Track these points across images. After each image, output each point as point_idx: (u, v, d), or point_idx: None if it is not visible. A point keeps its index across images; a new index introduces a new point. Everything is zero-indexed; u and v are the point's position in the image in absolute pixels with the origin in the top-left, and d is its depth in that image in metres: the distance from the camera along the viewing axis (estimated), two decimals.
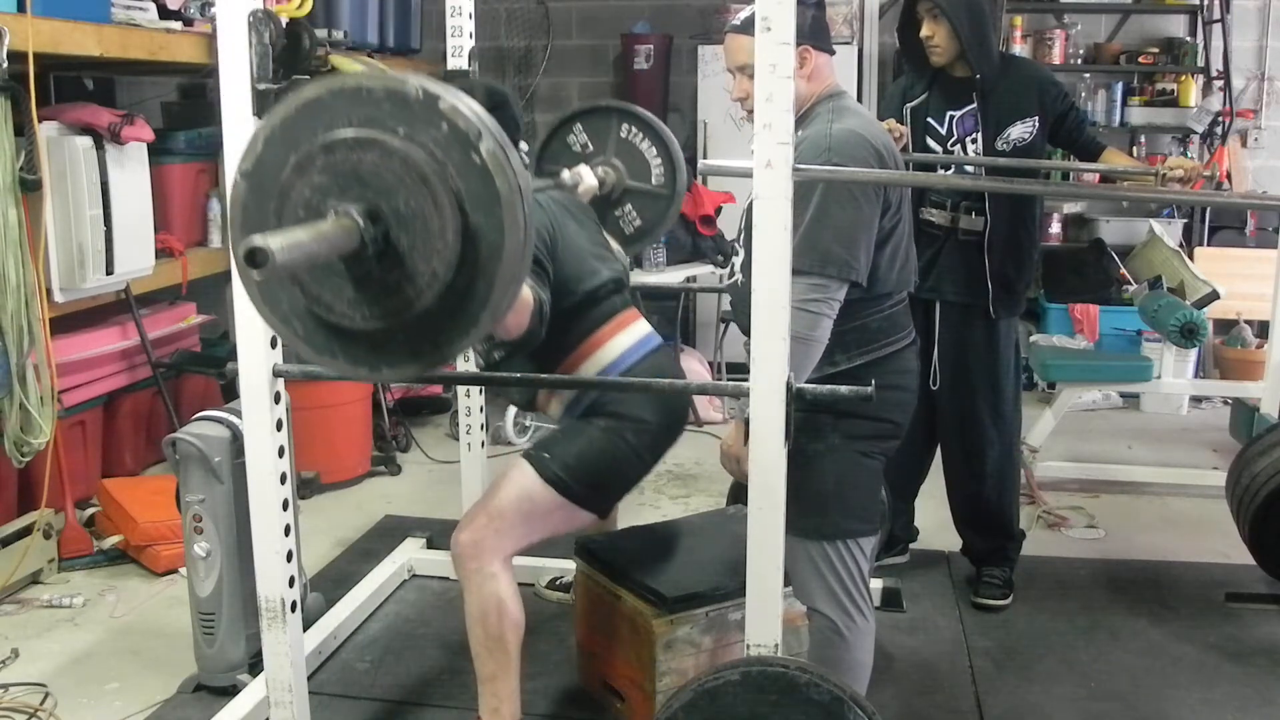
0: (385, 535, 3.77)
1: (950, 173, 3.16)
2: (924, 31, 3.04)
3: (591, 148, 2.95)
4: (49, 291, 3.33)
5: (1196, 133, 5.70)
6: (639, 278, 4.67)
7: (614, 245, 2.75)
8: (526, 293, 2.05)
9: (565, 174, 2.78)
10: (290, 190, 1.49)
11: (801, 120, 2.22)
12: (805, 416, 2.12)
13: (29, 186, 3.13)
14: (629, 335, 2.50)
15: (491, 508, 2.39)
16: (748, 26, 2.17)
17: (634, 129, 2.93)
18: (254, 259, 1.30)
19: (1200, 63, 5.66)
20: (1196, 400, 5.47)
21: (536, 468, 2.37)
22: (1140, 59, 5.76)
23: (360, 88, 1.50)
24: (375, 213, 1.46)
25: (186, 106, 4.78)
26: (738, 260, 2.33)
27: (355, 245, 1.44)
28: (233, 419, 2.67)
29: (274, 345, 2.09)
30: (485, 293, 1.49)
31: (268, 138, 1.54)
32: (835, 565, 2.21)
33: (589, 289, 2.44)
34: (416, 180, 1.44)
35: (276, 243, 1.32)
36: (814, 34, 2.21)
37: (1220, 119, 5.66)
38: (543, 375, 2.41)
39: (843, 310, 2.13)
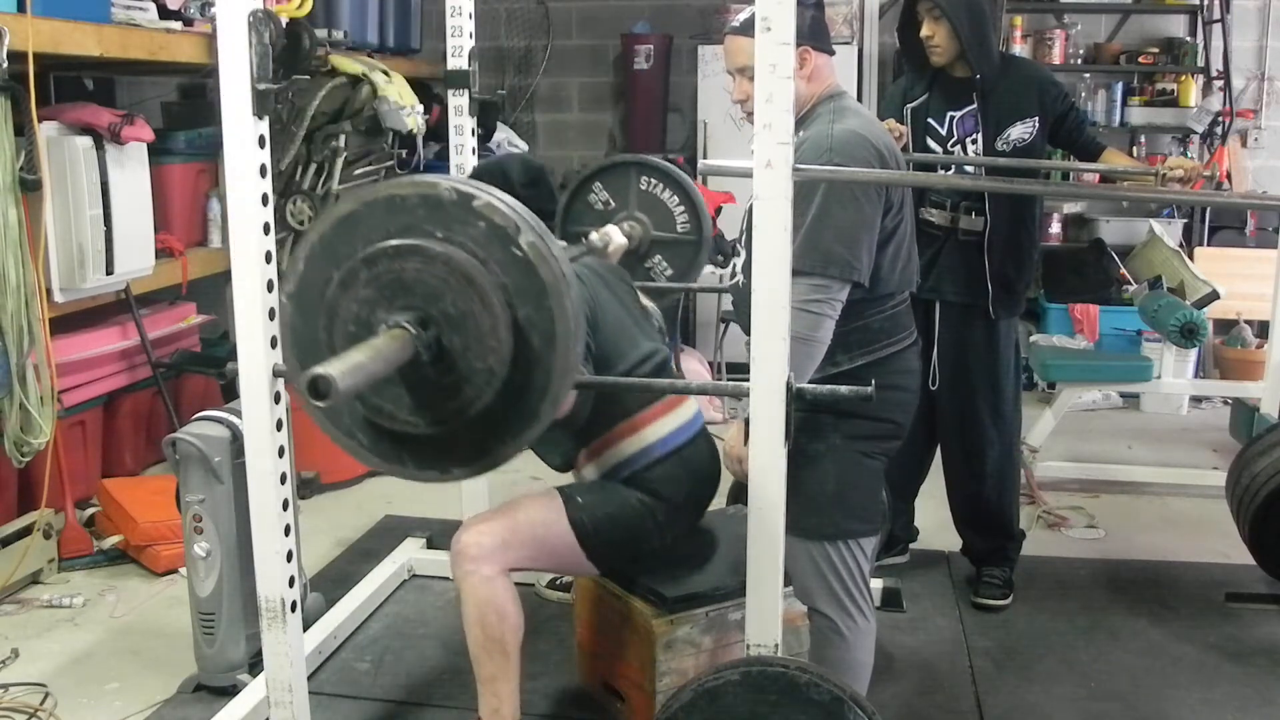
0: (385, 535, 3.77)
1: (950, 173, 3.16)
2: (924, 31, 3.04)
3: (613, 204, 2.96)
4: (49, 291, 3.33)
5: (1196, 133, 5.70)
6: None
7: (649, 305, 2.74)
8: None
9: (594, 236, 2.78)
10: (337, 307, 1.51)
11: (802, 121, 2.22)
12: (807, 416, 2.12)
13: (29, 186, 3.13)
14: (668, 421, 2.46)
15: (507, 521, 2.37)
16: (747, 28, 2.17)
17: (653, 180, 2.95)
18: (317, 389, 1.31)
19: (1200, 63, 5.66)
20: (1196, 400, 5.47)
21: (569, 510, 2.37)
22: (1140, 59, 5.76)
23: (393, 196, 1.51)
24: (425, 319, 1.47)
25: (186, 106, 4.79)
26: (739, 261, 2.33)
27: (410, 355, 1.45)
28: (233, 419, 2.67)
29: (274, 345, 2.08)
30: (544, 384, 1.50)
31: (308, 256, 1.55)
32: (836, 565, 2.21)
33: (633, 365, 2.42)
34: (462, 281, 1.45)
35: (338, 370, 1.33)
36: (814, 35, 2.21)
37: (1220, 119, 5.66)
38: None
39: (845, 310, 2.13)
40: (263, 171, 1.98)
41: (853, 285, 2.12)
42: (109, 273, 3.57)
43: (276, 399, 2.11)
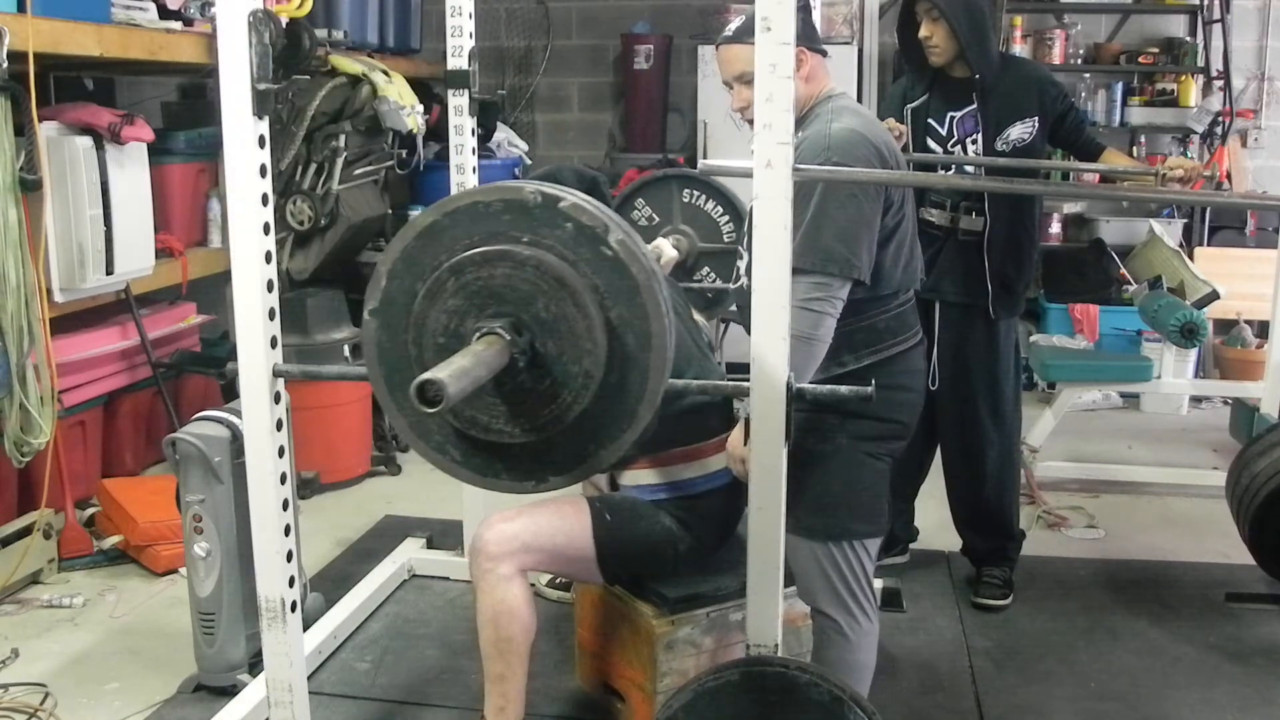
0: (385, 535, 3.77)
1: (950, 173, 3.16)
2: (922, 32, 3.05)
3: (658, 219, 2.97)
4: (49, 291, 3.32)
5: (1196, 133, 5.70)
6: None
7: (699, 318, 2.75)
8: None
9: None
10: (425, 319, 1.48)
11: (801, 122, 2.22)
12: (813, 417, 2.12)
13: (29, 186, 3.13)
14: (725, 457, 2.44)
15: (532, 526, 2.36)
16: (740, 36, 2.18)
17: (695, 192, 2.97)
18: (425, 395, 1.29)
19: (1200, 63, 5.66)
20: (1196, 400, 5.47)
21: (595, 524, 2.38)
22: (1140, 59, 5.76)
23: (476, 203, 1.49)
24: (518, 324, 1.45)
25: (186, 106, 4.78)
26: (742, 264, 2.33)
27: (507, 360, 1.43)
28: (233, 419, 2.68)
29: (274, 345, 2.08)
30: (640, 384, 1.49)
31: (390, 271, 1.53)
32: (840, 566, 2.21)
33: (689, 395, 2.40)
34: (553, 284, 1.43)
35: (446, 374, 1.31)
36: (805, 36, 2.20)
37: (1220, 119, 5.66)
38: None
39: (850, 310, 2.13)
40: (263, 171, 1.98)
41: (854, 283, 2.11)
42: (109, 273, 3.57)
43: (276, 399, 2.11)
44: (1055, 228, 5.95)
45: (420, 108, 4.56)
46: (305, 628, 2.57)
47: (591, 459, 1.55)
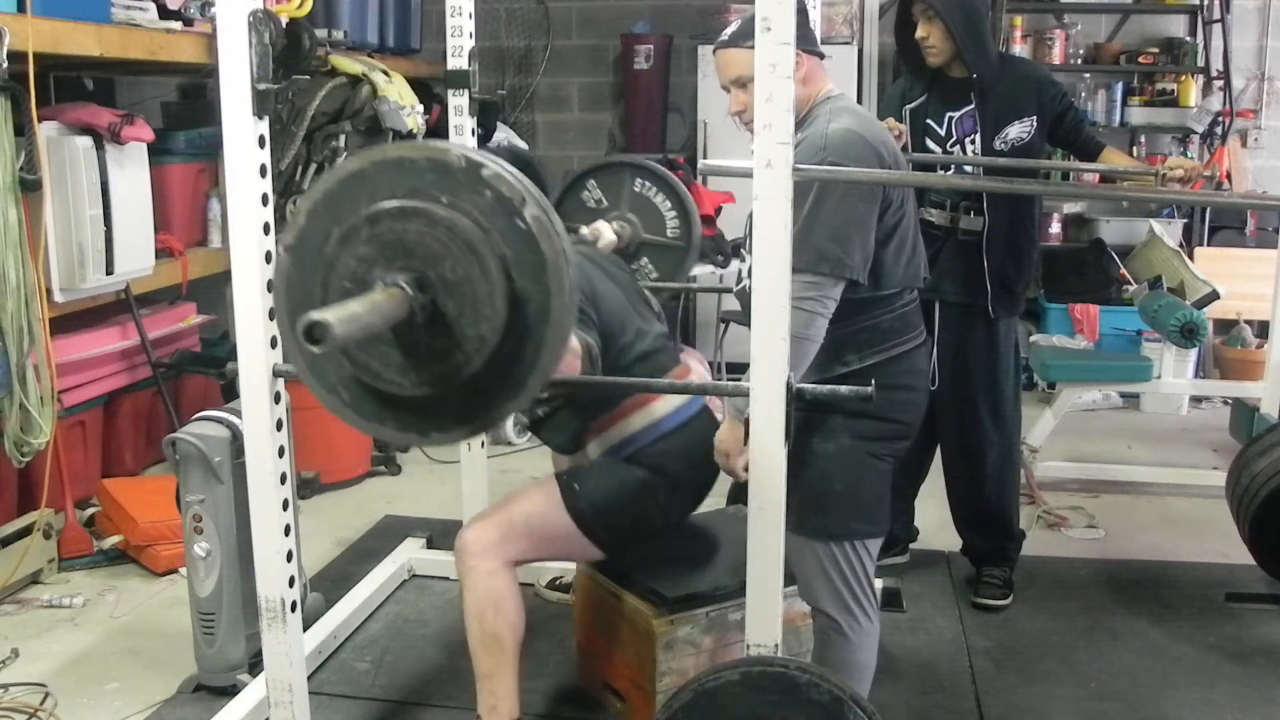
0: (385, 535, 3.77)
1: (950, 173, 3.16)
2: (919, 32, 3.05)
3: (606, 203, 2.97)
4: (49, 291, 3.32)
5: (1196, 133, 5.70)
6: None
7: (650, 298, 2.76)
8: (574, 340, 2.05)
9: (584, 230, 2.81)
10: (336, 262, 1.51)
11: (800, 124, 2.21)
12: (817, 416, 2.12)
13: (29, 186, 3.13)
14: (674, 397, 2.48)
15: (505, 515, 2.39)
16: (737, 40, 2.18)
17: (647, 183, 2.96)
18: (313, 335, 1.31)
19: (1200, 63, 5.66)
20: (1196, 400, 5.47)
21: (566, 498, 2.38)
22: (1140, 59, 5.76)
23: (402, 158, 1.52)
24: (423, 281, 1.47)
25: (186, 106, 4.78)
26: (744, 266, 2.33)
27: (405, 314, 1.45)
28: (233, 419, 2.67)
29: (274, 345, 2.08)
30: (533, 356, 1.51)
31: (310, 211, 1.55)
32: (841, 566, 2.21)
33: (631, 342, 2.43)
34: (463, 247, 1.45)
35: (334, 316, 1.33)
36: (801, 38, 2.20)
37: (1220, 119, 5.66)
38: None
39: (854, 309, 2.13)
40: (263, 171, 1.98)
41: (850, 283, 2.11)
42: (109, 273, 3.57)
43: (276, 399, 2.11)
44: (1055, 228, 5.95)
45: (420, 108, 4.56)
46: (305, 628, 2.57)
47: (476, 421, 1.58)
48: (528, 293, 1.49)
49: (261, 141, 1.99)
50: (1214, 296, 3.97)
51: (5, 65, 2.96)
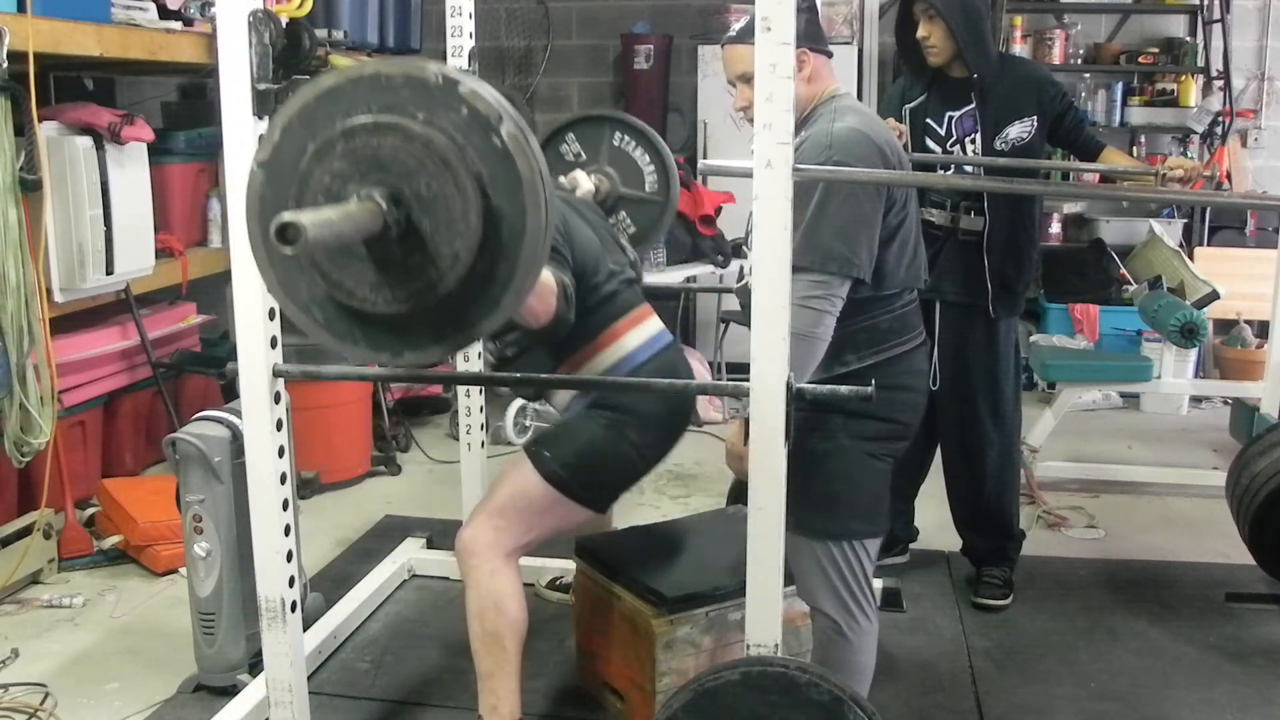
0: (385, 535, 3.77)
1: (950, 173, 3.16)
2: (920, 32, 3.05)
3: (585, 157, 2.96)
4: (49, 291, 3.32)
5: (1196, 133, 5.70)
6: None
7: (624, 241, 2.76)
8: (549, 277, 2.05)
9: (561, 179, 2.80)
10: (310, 177, 1.50)
11: (804, 122, 2.22)
12: (816, 416, 2.12)
13: (29, 186, 3.13)
14: (643, 331, 2.50)
15: (492, 505, 2.40)
16: (744, 36, 2.18)
17: (626, 137, 2.95)
18: (285, 235, 1.30)
19: (1200, 63, 5.66)
20: (1196, 400, 5.47)
21: (536, 465, 2.38)
22: (1140, 59, 5.76)
23: (379, 74, 1.51)
24: (397, 196, 1.47)
25: (186, 106, 4.78)
26: (745, 265, 2.33)
27: (378, 227, 1.45)
28: (233, 419, 2.67)
29: (274, 345, 2.09)
30: (508, 275, 1.50)
31: (285, 127, 1.55)
32: (840, 566, 2.21)
33: (602, 282, 2.43)
34: (438, 164, 1.45)
35: (308, 219, 1.33)
36: (810, 36, 2.20)
37: (1220, 119, 5.66)
38: (543, 375, 2.41)
39: (853, 309, 2.13)
40: None
41: (855, 282, 2.12)
42: (109, 273, 3.57)
43: (276, 399, 2.11)
44: (1055, 228, 5.95)
45: None
46: (305, 628, 2.56)
47: (448, 340, 1.57)
48: (503, 210, 1.48)
49: None
50: (1214, 296, 3.96)
51: (5, 65, 2.96)
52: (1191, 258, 4.98)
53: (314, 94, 1.53)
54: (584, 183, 2.82)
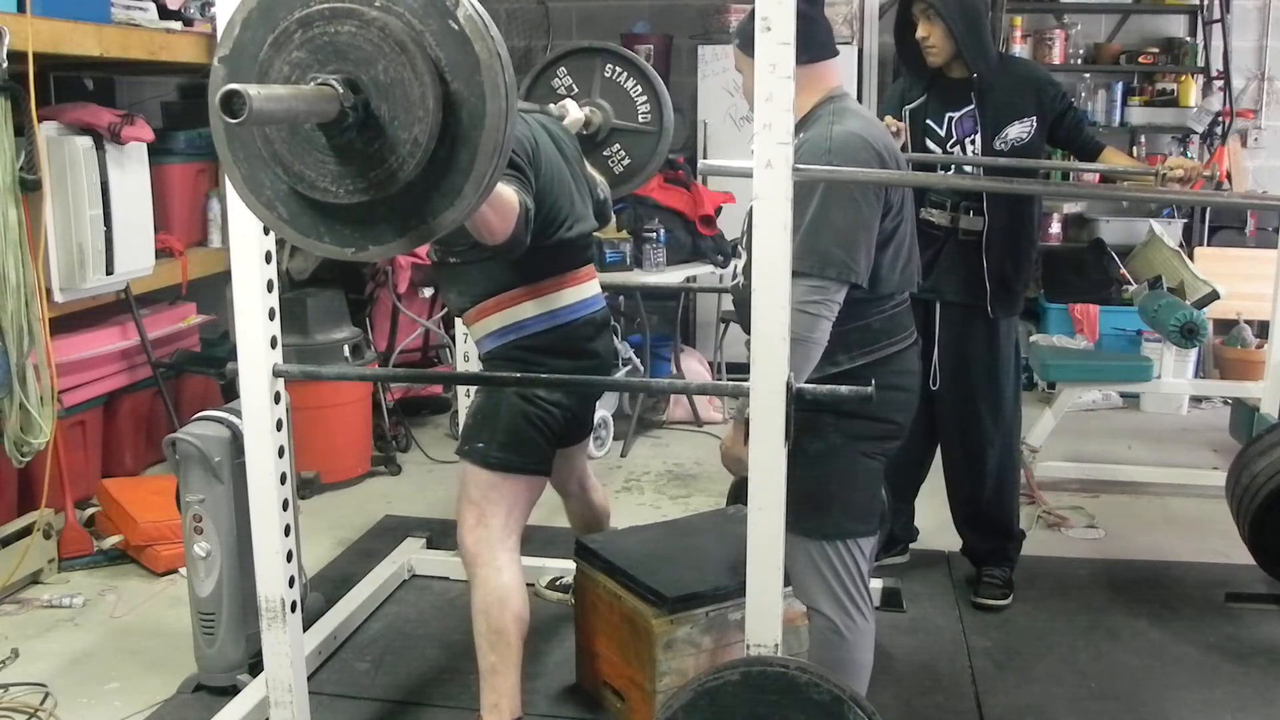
0: (385, 535, 3.77)
1: (950, 173, 3.16)
2: (919, 32, 3.05)
3: (577, 90, 2.95)
4: (49, 291, 3.33)
5: (1196, 133, 5.70)
6: (639, 278, 4.67)
7: (597, 176, 2.75)
8: (512, 195, 2.06)
9: (551, 107, 2.78)
10: (269, 68, 1.51)
11: (803, 123, 2.21)
12: (808, 416, 2.12)
13: (29, 186, 3.13)
14: (578, 292, 2.52)
15: (466, 507, 2.45)
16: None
17: (618, 69, 2.94)
18: (230, 105, 1.30)
19: (1200, 63, 5.66)
20: (1196, 400, 5.47)
21: (475, 461, 2.44)
22: (1140, 59, 5.76)
23: None
24: (355, 83, 1.47)
25: (186, 106, 4.79)
26: (740, 264, 2.33)
27: (335, 112, 1.45)
28: (233, 419, 2.67)
29: (274, 345, 2.09)
30: (468, 162, 1.50)
31: (245, 20, 1.56)
32: (836, 565, 2.21)
33: (557, 227, 2.43)
34: (395, 49, 1.46)
35: (255, 90, 1.32)
36: (806, 47, 2.17)
37: (1220, 119, 5.67)
38: (543, 375, 2.41)
39: (845, 310, 2.13)
40: None
41: (851, 286, 2.12)
42: (109, 273, 3.57)
43: (276, 399, 2.11)
44: (1055, 228, 5.94)
45: None
46: (305, 628, 2.56)
47: (413, 232, 1.57)
48: (461, 96, 1.48)
49: None
50: (1214, 296, 3.96)
51: (5, 65, 2.97)
52: (1191, 258, 4.98)
53: None
54: (574, 110, 2.80)
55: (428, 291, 4.89)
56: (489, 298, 2.46)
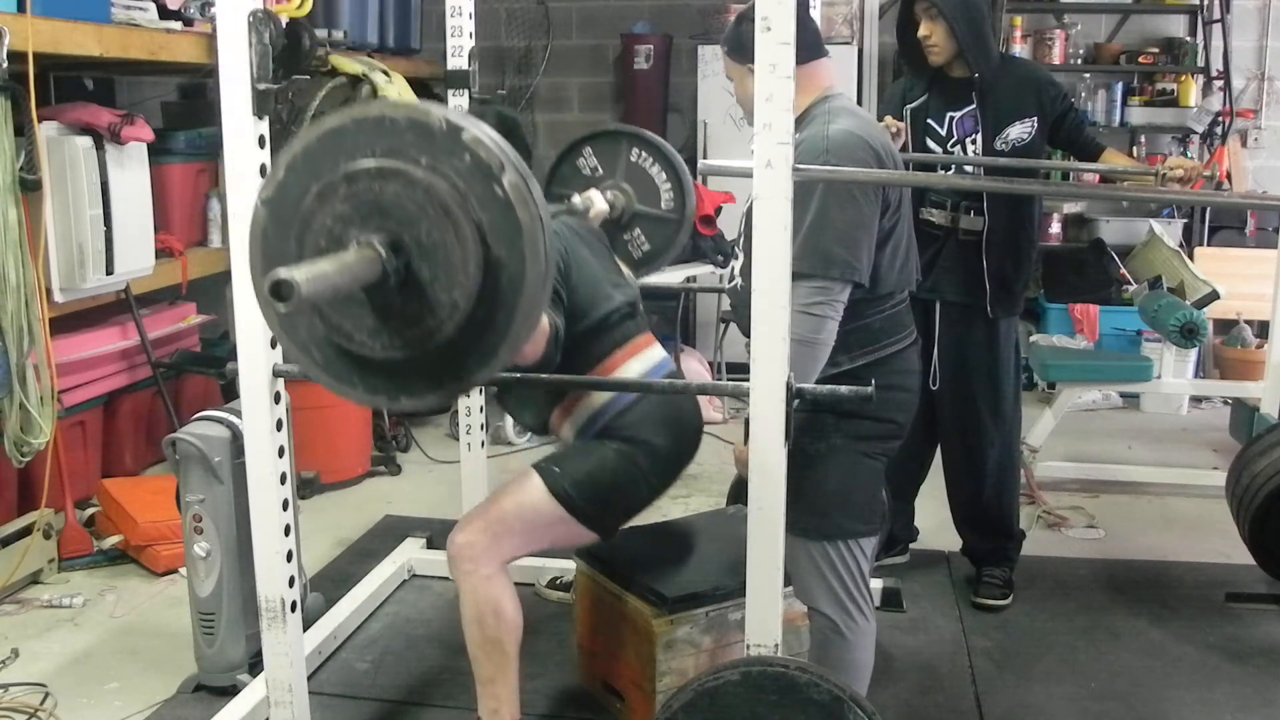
0: (385, 535, 3.77)
1: (950, 173, 3.16)
2: (921, 31, 3.05)
3: (601, 171, 2.96)
4: (49, 291, 3.32)
5: (1196, 133, 5.70)
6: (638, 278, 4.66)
7: (626, 270, 2.75)
8: (543, 320, 2.04)
9: (576, 199, 2.79)
10: (312, 219, 1.50)
11: (797, 123, 2.21)
12: (809, 417, 2.12)
13: (29, 186, 3.13)
14: (642, 361, 2.48)
15: (493, 513, 2.38)
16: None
17: (643, 153, 2.94)
18: (279, 292, 1.30)
19: (1200, 63, 5.66)
20: (1196, 400, 5.47)
21: (546, 481, 2.35)
22: (1140, 59, 5.76)
23: (383, 117, 1.50)
24: (397, 243, 1.46)
25: (186, 106, 4.79)
26: (737, 264, 2.33)
27: (377, 276, 1.45)
28: (233, 419, 2.67)
29: (274, 345, 2.09)
30: (505, 324, 1.50)
31: (289, 165, 1.54)
32: (836, 565, 2.21)
33: (603, 314, 2.42)
34: (439, 211, 1.45)
35: (302, 275, 1.32)
36: (798, 47, 2.18)
37: (1220, 119, 5.66)
38: (543, 376, 2.41)
39: (845, 310, 2.13)
40: (263, 171, 1.99)
41: (853, 286, 2.12)
42: (109, 273, 3.57)
43: (276, 399, 2.11)
44: (1055, 228, 5.94)
45: None
46: (305, 628, 2.56)
47: (445, 388, 1.58)
48: (502, 260, 1.48)
49: (261, 141, 2.00)
50: (1214, 296, 3.96)
51: (5, 65, 2.96)
52: (1191, 258, 4.98)
53: (318, 134, 1.53)
54: (599, 201, 2.82)
55: None
56: (555, 408, 2.44)
